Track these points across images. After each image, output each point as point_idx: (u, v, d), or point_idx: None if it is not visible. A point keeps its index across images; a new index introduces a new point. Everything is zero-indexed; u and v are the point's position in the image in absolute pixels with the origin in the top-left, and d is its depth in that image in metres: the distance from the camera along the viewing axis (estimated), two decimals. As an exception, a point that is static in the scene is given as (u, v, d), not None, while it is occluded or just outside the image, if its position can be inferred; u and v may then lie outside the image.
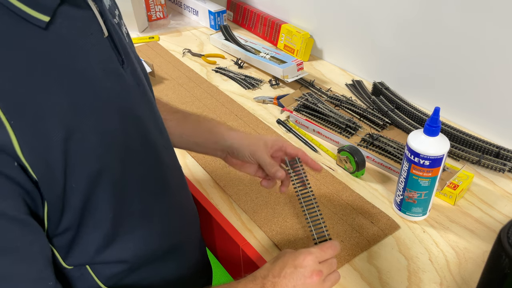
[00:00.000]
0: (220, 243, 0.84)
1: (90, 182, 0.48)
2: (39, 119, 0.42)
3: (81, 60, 0.47)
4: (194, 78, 1.23)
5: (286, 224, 0.77)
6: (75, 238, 0.51)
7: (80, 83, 0.46)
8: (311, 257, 0.58)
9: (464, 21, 0.91)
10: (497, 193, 0.84)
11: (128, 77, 0.54)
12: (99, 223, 0.52)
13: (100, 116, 0.48)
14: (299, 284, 0.56)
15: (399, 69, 1.10)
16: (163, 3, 1.57)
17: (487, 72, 0.92)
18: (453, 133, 0.94)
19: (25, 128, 0.41)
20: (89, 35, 0.48)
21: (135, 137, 0.54)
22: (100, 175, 0.49)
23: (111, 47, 0.51)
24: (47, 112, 0.43)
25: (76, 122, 0.45)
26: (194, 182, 0.87)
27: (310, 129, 1.00)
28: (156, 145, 0.59)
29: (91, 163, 0.48)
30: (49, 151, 0.43)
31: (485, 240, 0.74)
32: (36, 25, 0.42)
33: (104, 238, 0.54)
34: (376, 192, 0.84)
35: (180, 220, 0.67)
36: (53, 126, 0.43)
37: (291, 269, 0.56)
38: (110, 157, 0.50)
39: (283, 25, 1.36)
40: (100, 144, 0.48)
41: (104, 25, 0.50)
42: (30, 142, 0.41)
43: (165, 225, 0.63)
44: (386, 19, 1.08)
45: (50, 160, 0.43)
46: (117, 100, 0.51)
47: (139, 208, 0.57)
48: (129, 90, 0.54)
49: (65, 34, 0.45)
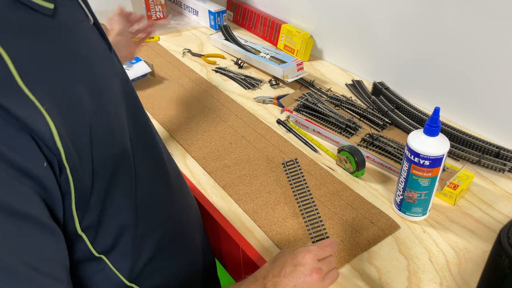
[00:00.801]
0: (220, 243, 0.84)
1: (113, 164, 0.49)
2: (67, 104, 0.43)
3: (83, 46, 0.48)
4: (194, 78, 1.23)
5: (286, 224, 0.77)
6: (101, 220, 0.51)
7: (87, 68, 0.47)
8: (310, 255, 0.58)
9: (464, 21, 0.91)
10: (497, 193, 0.84)
11: (117, 62, 0.56)
12: (119, 206, 0.53)
13: (110, 99, 0.50)
14: (299, 282, 0.56)
15: (399, 69, 1.10)
16: (163, 3, 1.57)
17: (487, 72, 0.92)
18: (453, 133, 0.94)
19: (57, 114, 0.41)
20: (80, 22, 0.50)
21: (136, 120, 0.56)
22: (122, 156, 0.50)
23: (98, 33, 0.53)
24: (73, 97, 0.44)
25: (94, 106, 0.46)
26: (194, 182, 0.87)
27: (310, 129, 1.00)
28: (151, 130, 0.61)
29: (112, 145, 0.49)
30: (79, 135, 0.44)
31: (485, 240, 0.74)
32: (43, 13, 0.43)
33: (124, 220, 0.54)
34: (376, 192, 0.84)
35: (185, 203, 0.69)
36: (80, 110, 0.44)
37: (291, 268, 0.57)
38: (125, 141, 0.51)
39: (283, 25, 1.36)
40: (116, 126, 0.50)
41: (89, 12, 0.52)
42: (63, 127, 0.42)
43: (172, 208, 0.65)
44: (386, 19, 1.08)
45: (80, 144, 0.44)
46: (117, 84, 0.53)
47: (150, 191, 0.59)
48: (123, 74, 0.56)
49: (68, 21, 0.46)
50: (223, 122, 1.03)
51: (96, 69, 0.49)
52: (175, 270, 0.66)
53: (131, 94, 0.58)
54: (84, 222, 0.49)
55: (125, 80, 0.58)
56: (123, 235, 0.55)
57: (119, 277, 0.56)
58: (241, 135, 0.99)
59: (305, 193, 0.70)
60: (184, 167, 0.91)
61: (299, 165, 0.73)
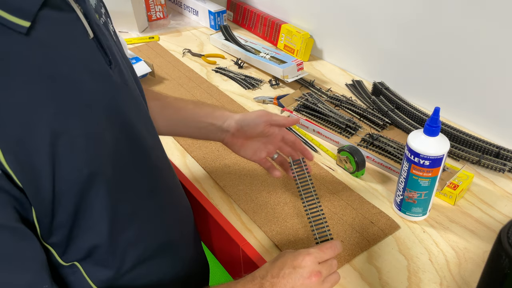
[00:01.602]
0: (220, 243, 0.84)
1: (82, 185, 0.48)
2: (23, 125, 0.41)
3: (65, 64, 0.46)
4: (194, 78, 1.23)
5: (286, 224, 0.77)
6: (71, 236, 0.51)
7: (65, 87, 0.45)
8: (310, 257, 0.58)
9: (464, 21, 0.91)
10: (497, 193, 0.84)
11: (116, 77, 0.53)
12: (93, 224, 0.52)
13: (87, 119, 0.48)
14: (297, 284, 0.56)
15: (399, 69, 1.10)
16: (163, 3, 1.57)
17: (487, 72, 0.92)
18: (453, 133, 0.94)
19: (8, 136, 0.40)
20: (72, 38, 0.47)
21: (122, 138, 0.53)
22: (93, 178, 0.49)
23: (97, 48, 0.51)
24: (32, 118, 0.42)
25: (63, 126, 0.45)
26: (194, 182, 0.87)
27: (310, 129, 1.00)
28: (144, 146, 0.58)
29: (81, 166, 0.47)
30: (34, 156, 0.42)
31: (485, 240, 0.74)
32: (16, 31, 0.41)
33: (97, 238, 0.54)
34: (376, 192, 0.84)
35: (173, 219, 0.67)
36: (38, 131, 0.43)
37: (290, 270, 0.56)
38: (101, 159, 0.49)
39: (283, 25, 1.36)
40: (90, 147, 0.48)
41: (89, 26, 0.49)
42: (13, 149, 0.41)
43: (157, 224, 0.63)
44: (386, 19, 1.08)
45: (36, 165, 0.43)
46: (105, 102, 0.50)
47: (131, 210, 0.57)
48: (118, 89, 0.53)
49: (46, 39, 0.44)
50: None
51: (82, 87, 0.47)
52: (157, 282, 0.65)
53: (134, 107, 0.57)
54: (51, 239, 0.49)
55: (131, 92, 0.56)
56: (96, 251, 0.54)
57: (89, 284, 0.56)
58: (241, 135, 0.99)
59: (310, 193, 0.68)
60: (184, 167, 0.91)
61: (305, 164, 0.71)
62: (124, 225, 0.57)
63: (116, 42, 0.58)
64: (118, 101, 0.53)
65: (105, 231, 0.54)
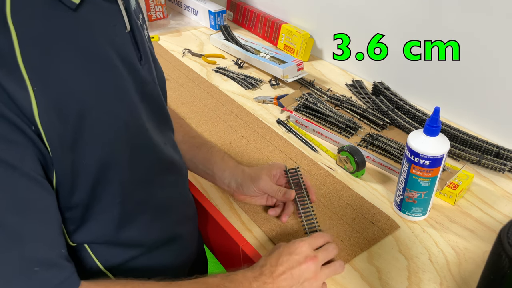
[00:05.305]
0: (220, 243, 0.84)
1: (100, 164, 0.50)
2: (59, 92, 0.45)
3: (103, 46, 0.49)
4: (194, 78, 1.23)
5: (286, 224, 0.77)
6: (84, 216, 0.53)
7: (100, 67, 0.49)
8: (303, 243, 0.62)
9: (464, 21, 0.91)
10: (497, 193, 0.84)
11: (144, 73, 0.57)
12: (107, 206, 0.54)
13: (114, 102, 0.51)
14: (295, 270, 0.60)
15: (399, 69, 1.10)
16: (163, 3, 1.57)
17: (487, 72, 0.92)
18: (453, 133, 0.94)
19: (45, 98, 0.44)
20: (112, 26, 0.51)
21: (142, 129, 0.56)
22: (110, 160, 0.51)
23: (131, 41, 0.54)
24: (68, 88, 0.46)
25: (92, 103, 0.48)
26: (194, 182, 0.87)
27: (310, 129, 1.00)
28: (157, 140, 0.61)
29: (102, 146, 0.50)
30: (62, 123, 0.45)
31: (485, 240, 0.74)
32: (67, 6, 0.45)
33: (110, 222, 0.56)
34: (376, 192, 0.84)
35: (181, 212, 0.71)
36: (71, 101, 0.46)
37: (287, 257, 0.60)
38: (119, 144, 0.52)
39: (283, 25, 1.36)
40: (111, 129, 0.51)
41: (128, 20, 0.53)
42: (47, 111, 0.44)
43: (164, 217, 0.66)
44: (386, 19, 1.08)
45: (63, 132, 0.46)
46: (130, 92, 0.53)
47: (142, 198, 0.60)
48: (145, 84, 0.57)
49: (91, 19, 0.48)
50: (223, 122, 1.04)
51: (115, 71, 0.50)
52: (159, 268, 0.68)
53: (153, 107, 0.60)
54: (66, 214, 0.51)
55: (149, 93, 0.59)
56: (104, 235, 0.57)
57: (96, 263, 0.59)
58: (241, 135, 0.99)
59: (303, 193, 0.77)
60: (184, 167, 0.91)
61: (300, 174, 0.78)
62: (137, 212, 0.60)
63: (149, 45, 0.62)
64: (143, 93, 0.56)
65: (117, 216, 0.56)
